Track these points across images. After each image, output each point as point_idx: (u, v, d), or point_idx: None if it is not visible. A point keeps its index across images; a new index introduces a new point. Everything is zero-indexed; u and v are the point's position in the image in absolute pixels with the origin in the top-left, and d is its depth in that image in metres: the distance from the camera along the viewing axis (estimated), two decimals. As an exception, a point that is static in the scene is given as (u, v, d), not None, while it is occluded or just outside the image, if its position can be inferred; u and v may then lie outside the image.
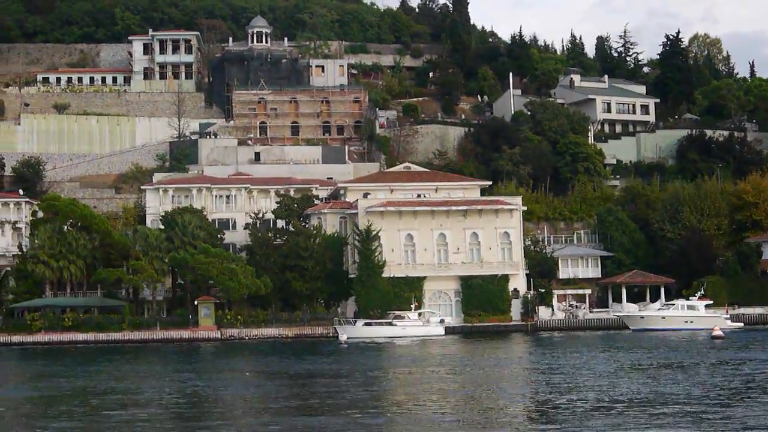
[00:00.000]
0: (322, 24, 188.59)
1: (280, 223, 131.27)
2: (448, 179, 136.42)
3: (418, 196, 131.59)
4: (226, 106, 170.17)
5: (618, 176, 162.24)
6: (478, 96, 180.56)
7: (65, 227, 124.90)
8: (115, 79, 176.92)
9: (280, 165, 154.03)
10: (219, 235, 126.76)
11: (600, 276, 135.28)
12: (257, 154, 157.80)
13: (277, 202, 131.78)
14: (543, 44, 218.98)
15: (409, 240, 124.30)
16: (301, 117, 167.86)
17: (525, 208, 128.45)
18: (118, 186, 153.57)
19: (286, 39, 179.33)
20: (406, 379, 68.95)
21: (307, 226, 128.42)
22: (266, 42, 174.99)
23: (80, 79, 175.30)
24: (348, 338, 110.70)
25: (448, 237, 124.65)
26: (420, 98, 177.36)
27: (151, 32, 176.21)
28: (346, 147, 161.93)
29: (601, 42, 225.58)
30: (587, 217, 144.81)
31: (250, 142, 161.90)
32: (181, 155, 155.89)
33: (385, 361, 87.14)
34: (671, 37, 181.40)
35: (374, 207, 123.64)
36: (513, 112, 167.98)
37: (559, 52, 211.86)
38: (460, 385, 64.62)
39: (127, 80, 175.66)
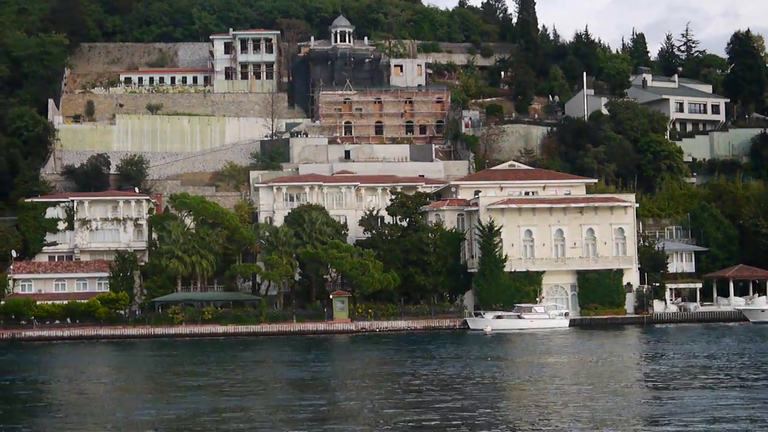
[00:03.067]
0: (397, 23, 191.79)
1: (388, 219, 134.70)
2: (553, 177, 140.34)
3: (526, 193, 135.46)
4: (309, 105, 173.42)
5: (694, 174, 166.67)
6: (549, 96, 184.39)
7: (191, 223, 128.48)
8: (195, 79, 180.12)
9: (371, 163, 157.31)
10: (343, 231, 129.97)
11: (693, 270, 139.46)
12: (347, 153, 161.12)
13: (391, 200, 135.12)
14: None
15: (528, 235, 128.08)
16: (385, 117, 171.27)
17: (638, 205, 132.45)
18: (215, 183, 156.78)
19: (366, 38, 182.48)
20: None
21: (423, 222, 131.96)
22: (349, 41, 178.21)
23: (161, 79, 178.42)
24: (492, 329, 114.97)
25: (566, 232, 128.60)
26: (494, 98, 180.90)
27: (232, 31, 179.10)
28: (433, 145, 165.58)
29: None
30: (675, 214, 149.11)
31: (339, 141, 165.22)
32: (274, 154, 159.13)
33: (564, 347, 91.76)
34: (741, 36, 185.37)
35: (495, 204, 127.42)
36: (587, 111, 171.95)
37: (613, 50, 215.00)
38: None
39: (207, 80, 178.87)
